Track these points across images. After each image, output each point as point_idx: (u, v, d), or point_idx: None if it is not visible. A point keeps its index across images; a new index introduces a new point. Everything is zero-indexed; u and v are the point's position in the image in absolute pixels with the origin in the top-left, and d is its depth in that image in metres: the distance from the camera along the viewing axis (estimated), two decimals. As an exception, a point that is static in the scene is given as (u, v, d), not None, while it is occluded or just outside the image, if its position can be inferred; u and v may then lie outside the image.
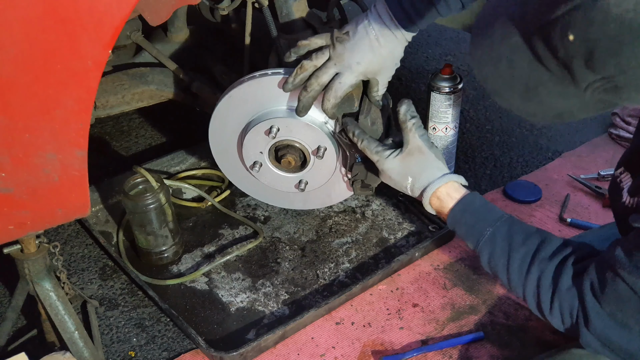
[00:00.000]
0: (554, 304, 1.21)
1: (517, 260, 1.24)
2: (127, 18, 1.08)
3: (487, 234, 1.28)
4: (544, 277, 1.21)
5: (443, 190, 1.34)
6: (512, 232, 1.27)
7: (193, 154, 2.10)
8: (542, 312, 1.24)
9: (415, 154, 1.37)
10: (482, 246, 1.29)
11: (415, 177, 1.36)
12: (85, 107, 1.12)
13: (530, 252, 1.24)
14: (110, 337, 1.58)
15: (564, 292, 1.19)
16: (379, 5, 1.35)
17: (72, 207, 1.24)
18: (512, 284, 1.27)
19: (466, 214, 1.32)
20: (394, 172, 1.39)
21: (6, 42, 1.00)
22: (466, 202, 1.33)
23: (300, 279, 1.71)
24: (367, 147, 1.41)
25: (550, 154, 2.19)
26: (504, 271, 1.27)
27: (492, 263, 1.28)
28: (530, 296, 1.24)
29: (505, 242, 1.26)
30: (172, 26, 1.90)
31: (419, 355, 1.51)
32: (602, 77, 0.82)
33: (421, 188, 1.36)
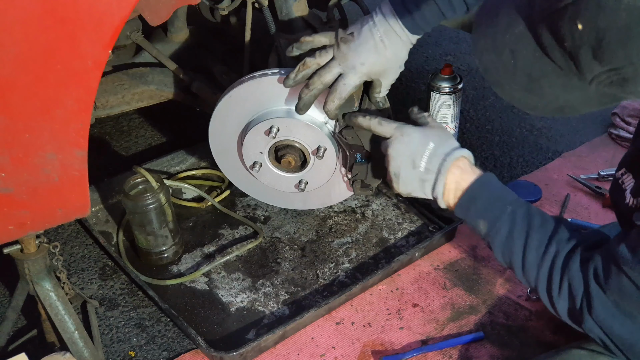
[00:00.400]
0: (563, 285, 1.19)
1: (536, 240, 1.22)
2: (127, 18, 1.08)
3: (508, 211, 1.24)
4: (558, 257, 1.19)
5: (465, 162, 1.30)
6: (532, 213, 1.25)
7: (193, 154, 2.10)
8: (550, 294, 1.21)
9: (437, 128, 1.35)
10: (502, 223, 1.24)
11: (437, 143, 1.31)
12: (85, 107, 1.12)
13: (548, 232, 1.22)
14: (110, 337, 1.58)
15: (573, 275, 1.17)
16: (384, 7, 1.34)
17: (72, 207, 1.24)
18: (527, 263, 1.23)
19: (487, 189, 1.28)
20: (416, 136, 1.32)
21: (6, 42, 1.00)
22: (486, 179, 1.29)
23: (300, 279, 1.71)
24: (382, 121, 1.36)
25: (550, 154, 2.19)
26: (520, 250, 1.23)
27: (510, 241, 1.24)
28: (543, 277, 1.21)
29: (524, 221, 1.23)
30: (172, 26, 1.90)
31: (419, 355, 1.51)
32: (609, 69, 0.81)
33: (445, 152, 1.29)
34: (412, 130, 1.34)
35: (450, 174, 1.29)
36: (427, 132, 1.33)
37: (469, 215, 1.29)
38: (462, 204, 1.29)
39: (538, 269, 1.22)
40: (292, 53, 1.44)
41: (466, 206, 1.29)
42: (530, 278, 1.24)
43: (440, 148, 1.30)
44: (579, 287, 1.17)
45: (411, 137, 1.33)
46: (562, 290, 1.19)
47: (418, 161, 1.31)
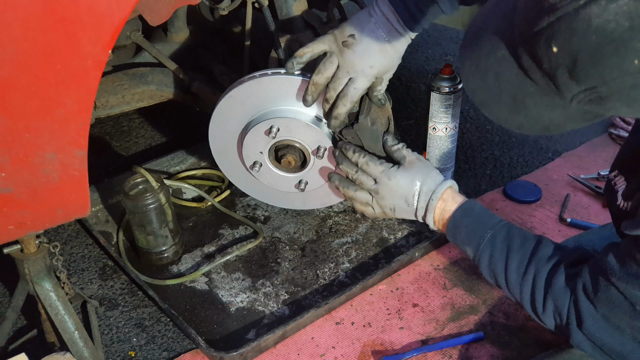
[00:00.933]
0: (547, 303, 1.23)
1: (516, 260, 1.27)
2: (127, 18, 1.08)
3: (487, 236, 1.31)
4: (539, 276, 1.24)
5: (449, 193, 1.39)
6: (511, 234, 1.31)
7: (193, 154, 2.10)
8: (536, 312, 1.27)
9: (417, 162, 1.42)
10: (483, 248, 1.32)
11: (422, 181, 1.39)
12: (85, 107, 1.12)
13: (528, 253, 1.27)
14: (110, 337, 1.58)
15: (557, 292, 1.21)
16: (382, 6, 1.34)
17: (72, 207, 1.24)
18: (510, 284, 1.29)
19: (467, 218, 1.35)
20: (403, 180, 1.40)
21: (6, 42, 1.00)
22: (467, 207, 1.37)
23: (300, 279, 1.71)
24: (370, 161, 1.43)
25: (550, 154, 2.19)
26: (502, 272, 1.30)
27: (492, 264, 1.31)
28: (526, 295, 1.27)
29: (504, 244, 1.29)
30: (172, 26, 1.90)
31: (419, 355, 1.51)
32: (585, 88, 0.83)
33: (430, 191, 1.38)
34: (398, 173, 1.40)
35: (436, 207, 1.39)
36: (411, 173, 1.40)
37: (457, 243, 1.39)
38: (449, 233, 1.39)
39: (520, 289, 1.27)
40: (293, 69, 1.44)
41: (452, 235, 1.38)
42: (516, 297, 1.30)
43: (425, 185, 1.39)
44: (564, 304, 1.20)
45: (398, 181, 1.40)
46: (547, 307, 1.23)
47: (410, 201, 1.40)
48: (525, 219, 1.89)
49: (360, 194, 1.46)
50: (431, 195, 1.38)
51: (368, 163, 1.43)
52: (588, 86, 0.82)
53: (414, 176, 1.40)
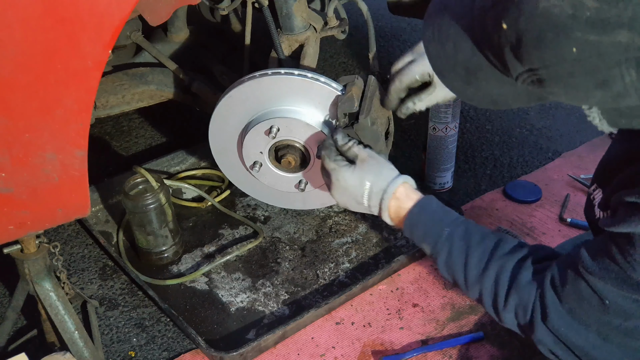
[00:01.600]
0: (510, 299, 1.20)
1: (475, 257, 1.24)
2: (127, 18, 1.08)
3: (445, 234, 1.27)
4: (504, 272, 1.21)
5: (402, 191, 1.32)
6: (470, 231, 1.27)
7: (193, 154, 2.10)
8: (496, 309, 1.23)
9: (368, 160, 1.36)
10: (441, 246, 1.27)
11: (372, 181, 1.33)
12: (85, 107, 1.12)
13: (489, 249, 1.24)
14: (110, 337, 1.58)
15: (522, 287, 1.18)
16: None
17: (72, 207, 1.24)
18: (469, 281, 1.25)
19: (423, 215, 1.31)
20: (351, 181, 1.35)
21: (6, 42, 1.00)
22: (423, 204, 1.32)
23: (300, 279, 1.71)
24: (327, 155, 1.39)
25: (550, 154, 2.19)
26: (461, 270, 1.26)
27: (450, 262, 1.27)
28: (487, 292, 1.23)
29: (462, 241, 1.26)
30: (172, 26, 1.90)
31: (419, 355, 1.51)
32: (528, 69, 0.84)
33: (380, 191, 1.33)
34: (347, 173, 1.35)
35: (390, 206, 1.32)
36: (361, 173, 1.34)
37: (415, 240, 1.33)
38: (405, 231, 1.33)
39: (481, 285, 1.23)
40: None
41: (409, 232, 1.33)
42: (474, 294, 1.26)
43: (376, 185, 1.33)
44: (529, 299, 1.18)
45: (347, 182, 1.35)
46: (509, 303, 1.20)
47: (360, 200, 1.35)
48: (525, 219, 1.89)
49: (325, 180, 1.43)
50: (382, 195, 1.32)
51: (324, 157, 1.39)
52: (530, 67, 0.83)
53: (363, 176, 1.34)
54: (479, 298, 1.26)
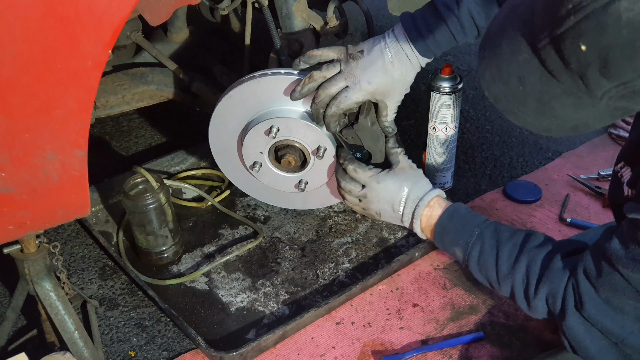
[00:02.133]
0: (540, 287, 1.23)
1: (506, 252, 1.29)
2: (127, 18, 1.08)
3: (475, 234, 1.33)
4: (534, 263, 1.25)
5: (435, 200, 1.41)
6: (499, 230, 1.33)
7: (193, 154, 2.10)
8: (527, 298, 1.27)
9: (407, 169, 1.45)
10: (472, 246, 1.33)
11: (410, 188, 1.41)
12: (85, 107, 1.12)
13: (518, 243, 1.29)
14: (110, 337, 1.58)
15: (553, 275, 1.22)
16: (397, 29, 1.38)
17: (72, 207, 1.24)
18: (500, 275, 1.30)
19: (453, 220, 1.37)
20: (391, 185, 1.42)
21: (6, 42, 1.00)
22: (452, 209, 1.39)
23: (300, 279, 1.71)
24: (358, 168, 1.45)
25: (550, 154, 2.19)
26: (493, 266, 1.30)
27: (482, 260, 1.32)
28: (518, 283, 1.27)
29: (493, 239, 1.31)
30: (172, 26, 1.90)
31: (419, 355, 1.51)
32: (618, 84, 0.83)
33: (417, 199, 1.41)
34: (387, 177, 1.43)
35: (423, 214, 1.41)
36: (400, 179, 1.43)
37: (445, 246, 1.40)
38: (436, 237, 1.40)
39: (512, 277, 1.28)
40: (299, 66, 1.46)
41: (440, 239, 1.40)
42: (506, 288, 1.30)
43: (413, 193, 1.41)
44: (559, 286, 1.21)
45: (387, 186, 1.42)
46: (539, 291, 1.24)
47: (396, 207, 1.43)
48: (525, 219, 1.89)
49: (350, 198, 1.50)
50: (418, 202, 1.40)
51: (356, 170, 1.45)
52: (621, 81, 0.82)
53: (402, 182, 1.42)
54: (511, 292, 1.30)
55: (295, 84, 1.46)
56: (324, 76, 1.42)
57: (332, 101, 1.42)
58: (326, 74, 1.41)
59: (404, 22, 1.37)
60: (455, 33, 1.36)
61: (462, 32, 1.36)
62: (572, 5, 0.80)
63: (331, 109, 1.43)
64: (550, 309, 1.24)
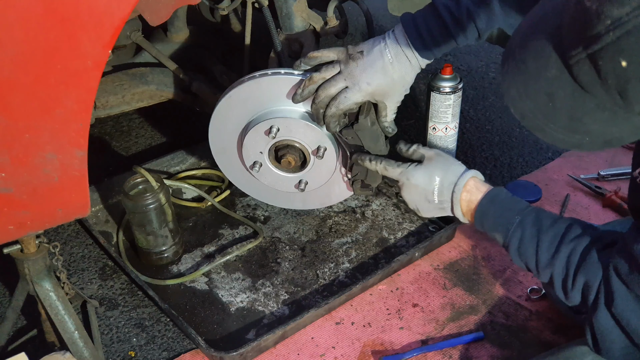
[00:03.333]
0: (578, 279, 1.22)
1: (547, 241, 1.27)
2: (127, 18, 1.08)
3: (516, 221, 1.31)
4: (574, 253, 1.23)
5: (472, 184, 1.38)
6: (540, 217, 1.30)
7: (193, 154, 2.10)
8: (565, 289, 1.26)
9: (435, 157, 1.42)
10: (512, 233, 1.31)
11: (442, 176, 1.39)
12: (85, 107, 1.12)
13: (560, 233, 1.27)
14: (110, 337, 1.58)
15: (589, 267, 1.21)
16: (397, 30, 1.38)
17: (72, 207, 1.24)
18: (540, 265, 1.28)
19: (494, 205, 1.35)
20: (421, 178, 1.40)
21: (6, 42, 1.00)
22: (493, 194, 1.36)
23: (300, 279, 1.71)
24: (387, 165, 1.44)
25: (550, 154, 2.19)
26: (533, 254, 1.28)
27: (522, 248, 1.30)
28: (558, 274, 1.26)
29: (534, 227, 1.29)
30: (172, 26, 1.90)
31: (419, 355, 1.51)
32: None
33: (452, 184, 1.38)
34: (416, 171, 1.41)
35: (462, 199, 1.37)
36: (429, 169, 1.41)
37: (486, 230, 1.37)
38: (477, 221, 1.37)
39: (552, 267, 1.26)
40: (299, 67, 1.47)
41: (480, 223, 1.37)
42: (545, 277, 1.29)
43: (446, 179, 1.39)
44: (595, 279, 1.20)
45: (417, 179, 1.41)
46: (577, 282, 1.23)
47: (430, 197, 1.40)
48: (525, 219, 1.89)
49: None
50: (454, 188, 1.38)
51: (386, 168, 1.45)
52: None
53: (432, 172, 1.40)
54: (550, 280, 1.28)
55: (295, 84, 1.46)
56: (323, 77, 1.42)
57: (331, 102, 1.42)
58: (326, 74, 1.41)
59: (404, 23, 1.37)
60: (455, 35, 1.36)
61: (463, 35, 1.36)
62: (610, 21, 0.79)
63: (331, 109, 1.43)
64: (585, 301, 1.23)
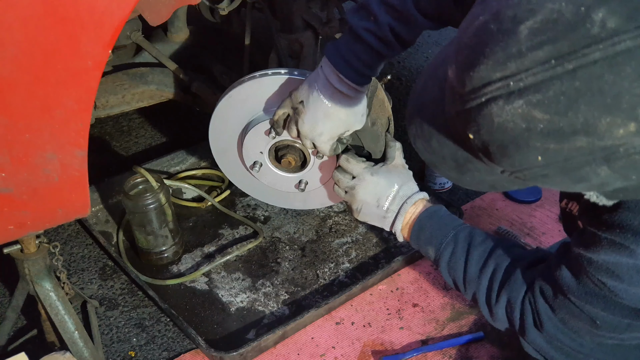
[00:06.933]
0: (502, 294, 1.24)
1: (476, 255, 1.29)
2: (127, 18, 1.08)
3: (450, 235, 1.33)
4: (498, 269, 1.26)
5: (421, 202, 1.40)
6: (473, 233, 1.33)
7: (193, 154, 2.10)
8: (489, 304, 1.27)
9: (400, 167, 1.44)
10: (445, 246, 1.33)
11: (400, 185, 1.40)
12: (85, 107, 1.12)
13: (488, 248, 1.29)
14: (110, 337, 1.58)
15: (512, 285, 1.23)
16: (324, 66, 1.31)
17: (72, 207, 1.24)
18: (467, 278, 1.30)
19: (432, 219, 1.37)
20: (382, 180, 1.40)
21: (6, 42, 1.00)
22: (432, 210, 1.39)
23: (300, 279, 1.71)
24: (352, 158, 1.43)
25: (550, 154, 2.19)
26: (461, 268, 1.30)
27: (452, 261, 1.32)
28: (482, 287, 1.27)
29: (466, 241, 1.32)
30: (172, 26, 1.90)
31: (419, 355, 1.51)
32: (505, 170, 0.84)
33: (405, 196, 1.40)
34: (380, 171, 1.42)
35: (407, 212, 1.39)
36: (392, 175, 1.42)
37: (420, 244, 1.39)
38: (413, 234, 1.39)
39: (478, 281, 1.28)
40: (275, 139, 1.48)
41: (416, 236, 1.38)
42: (471, 290, 1.30)
43: (403, 190, 1.40)
44: (517, 299, 1.22)
45: (379, 179, 1.41)
46: (500, 299, 1.24)
47: (382, 202, 1.40)
48: (525, 219, 1.89)
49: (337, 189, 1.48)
50: (406, 200, 1.39)
51: (349, 160, 1.44)
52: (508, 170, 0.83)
53: (393, 179, 1.41)
54: (473, 296, 1.30)
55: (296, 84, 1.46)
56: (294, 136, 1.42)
57: None
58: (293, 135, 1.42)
59: (330, 59, 1.31)
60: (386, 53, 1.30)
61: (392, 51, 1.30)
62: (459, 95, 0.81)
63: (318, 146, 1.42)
64: (509, 317, 1.24)
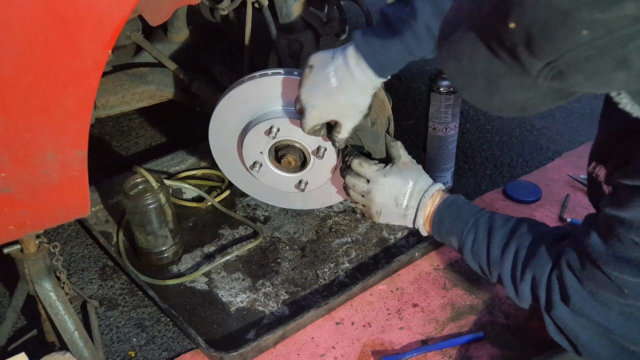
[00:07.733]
0: (526, 273, 1.24)
1: (498, 238, 1.30)
2: (127, 18, 1.08)
3: (470, 222, 1.35)
4: (522, 248, 1.26)
5: (439, 193, 1.42)
6: (494, 217, 1.34)
7: (193, 154, 2.10)
8: (515, 284, 1.28)
9: (409, 164, 1.46)
10: (467, 233, 1.34)
11: (415, 181, 1.42)
12: (85, 107, 1.12)
13: (509, 229, 1.30)
14: (110, 337, 1.58)
15: (537, 262, 1.23)
16: (348, 48, 1.29)
17: (72, 207, 1.24)
18: (491, 261, 1.30)
19: (451, 209, 1.39)
20: (396, 179, 1.42)
21: (6, 42, 1.00)
22: (450, 200, 1.40)
23: (300, 279, 1.71)
24: (364, 162, 1.45)
25: (550, 154, 2.19)
26: (484, 251, 1.31)
27: (475, 247, 1.33)
28: (507, 267, 1.28)
29: (486, 225, 1.33)
30: (172, 26, 1.90)
31: (419, 355, 1.51)
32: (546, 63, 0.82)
33: (422, 190, 1.42)
34: (393, 171, 1.43)
35: (427, 206, 1.41)
36: (404, 172, 1.44)
37: (442, 236, 1.41)
38: (434, 227, 1.41)
39: (502, 262, 1.29)
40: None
41: (437, 228, 1.41)
42: (496, 272, 1.31)
43: (418, 185, 1.42)
44: (543, 275, 1.22)
45: (394, 179, 1.43)
46: (525, 277, 1.25)
47: (401, 200, 1.42)
48: (525, 219, 1.89)
49: (353, 194, 1.49)
50: (423, 194, 1.41)
51: (362, 164, 1.45)
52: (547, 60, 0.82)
53: (407, 176, 1.43)
54: (499, 278, 1.31)
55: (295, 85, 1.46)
56: None
57: None
58: None
59: (355, 40, 1.28)
60: (412, 47, 1.27)
61: (419, 46, 1.27)
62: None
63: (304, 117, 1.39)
64: (534, 294, 1.24)
